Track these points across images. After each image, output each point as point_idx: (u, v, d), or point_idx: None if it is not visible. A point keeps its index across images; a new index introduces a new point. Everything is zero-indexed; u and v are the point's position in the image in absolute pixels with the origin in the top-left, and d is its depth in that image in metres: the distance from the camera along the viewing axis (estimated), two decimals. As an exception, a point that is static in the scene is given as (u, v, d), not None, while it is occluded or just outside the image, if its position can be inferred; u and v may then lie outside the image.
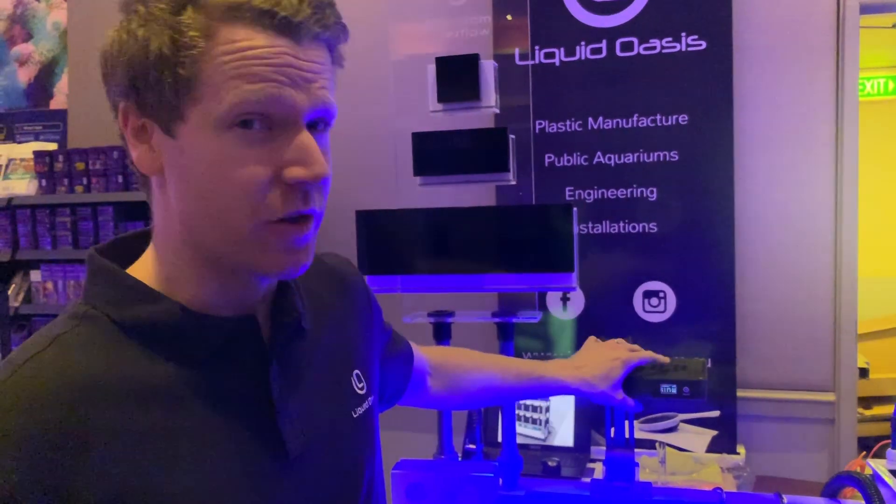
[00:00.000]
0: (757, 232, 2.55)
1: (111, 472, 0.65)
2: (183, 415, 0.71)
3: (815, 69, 2.50)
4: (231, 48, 0.69)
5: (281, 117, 0.71)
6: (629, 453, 1.49)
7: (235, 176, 0.70)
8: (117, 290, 0.75)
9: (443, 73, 1.78)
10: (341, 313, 0.96)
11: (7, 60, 3.69)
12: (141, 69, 0.70)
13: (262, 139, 0.71)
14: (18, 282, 3.36)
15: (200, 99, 0.69)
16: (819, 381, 2.52)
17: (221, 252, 0.74)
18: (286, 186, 0.71)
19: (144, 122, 0.74)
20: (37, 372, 0.67)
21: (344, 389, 0.91)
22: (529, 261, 1.70)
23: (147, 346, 0.72)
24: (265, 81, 0.69)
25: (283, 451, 0.78)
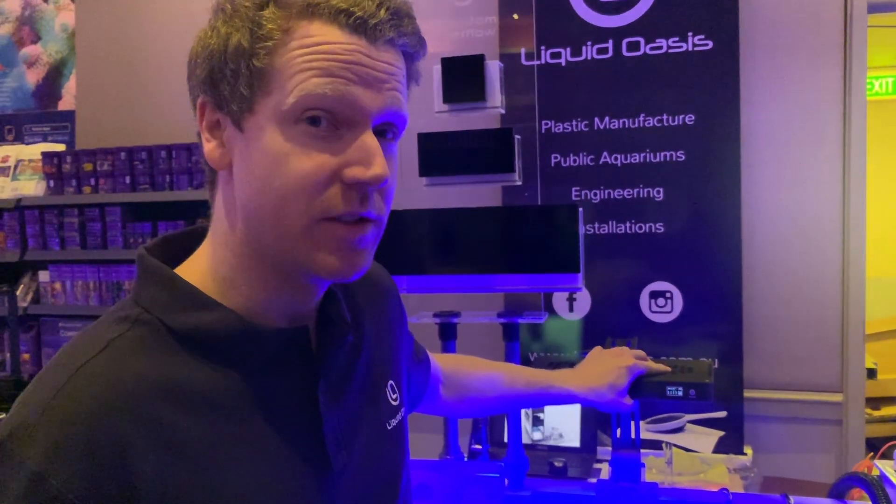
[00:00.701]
0: (764, 232, 2.55)
1: (167, 479, 0.65)
2: (233, 424, 0.71)
3: (822, 68, 2.49)
4: (305, 42, 0.70)
5: (347, 116, 0.71)
6: (635, 454, 1.48)
7: (294, 169, 0.70)
8: (170, 294, 0.74)
9: (448, 73, 1.77)
10: (378, 322, 0.95)
11: (16, 62, 3.71)
12: (219, 62, 0.71)
13: (326, 137, 0.70)
14: (27, 282, 3.38)
15: (271, 91, 0.70)
16: (827, 382, 2.51)
17: (278, 250, 0.73)
18: (345, 186, 0.71)
19: (219, 118, 0.74)
20: (91, 379, 0.66)
21: (380, 402, 0.90)
22: (535, 261, 1.70)
23: (199, 353, 0.72)
24: (334, 77, 0.69)
25: (328, 464, 0.78)
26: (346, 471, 0.80)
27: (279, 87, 0.70)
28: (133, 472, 0.63)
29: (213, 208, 0.79)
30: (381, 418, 0.89)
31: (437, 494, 1.49)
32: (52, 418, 0.63)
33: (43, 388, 0.66)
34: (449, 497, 1.49)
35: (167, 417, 0.67)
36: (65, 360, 0.69)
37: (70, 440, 0.62)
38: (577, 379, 1.32)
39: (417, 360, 1.14)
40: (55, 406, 0.64)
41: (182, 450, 0.67)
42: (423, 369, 1.17)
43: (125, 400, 0.66)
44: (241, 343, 0.74)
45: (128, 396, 0.66)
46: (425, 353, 1.19)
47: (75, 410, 0.64)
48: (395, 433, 0.92)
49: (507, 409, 1.60)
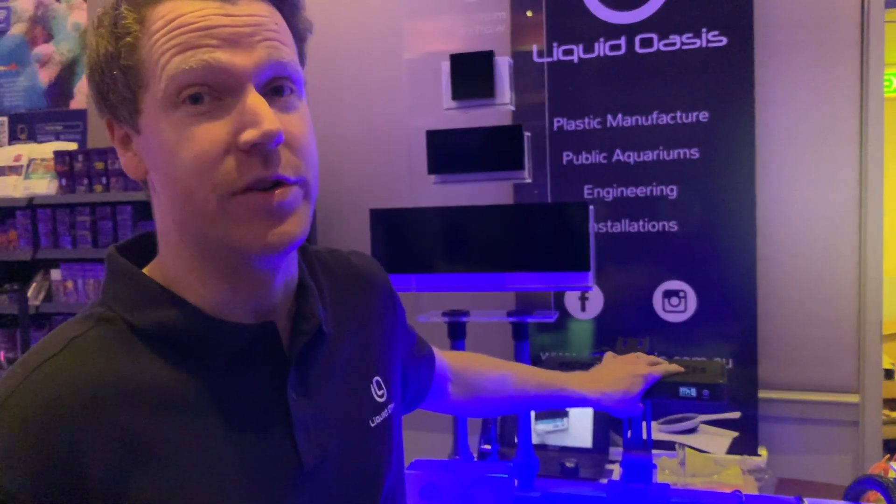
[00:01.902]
0: (779, 230, 2.52)
1: (123, 480, 0.64)
2: (197, 423, 0.70)
3: (838, 64, 2.46)
4: (160, 24, 0.67)
5: (224, 83, 0.68)
6: (647, 455, 1.47)
7: (189, 152, 0.67)
8: (134, 292, 0.73)
9: (457, 70, 1.76)
10: (364, 316, 0.94)
11: (28, 61, 3.73)
12: (99, 75, 0.71)
13: (211, 112, 0.68)
14: (39, 280, 3.39)
15: (147, 84, 0.69)
16: (843, 383, 2.48)
17: (204, 239, 0.71)
18: (243, 154, 0.68)
19: (126, 131, 0.74)
20: (48, 378, 0.66)
21: (361, 398, 0.88)
22: (545, 260, 1.69)
23: (162, 351, 0.71)
24: (194, 48, 0.66)
25: (299, 463, 0.76)
26: (322, 469, 0.78)
27: (151, 78, 0.68)
28: (84, 473, 0.63)
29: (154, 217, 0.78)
30: (362, 415, 0.87)
31: (445, 495, 1.48)
32: (3, 420, 0.63)
33: (2, 387, 0.66)
34: (458, 497, 1.48)
35: (125, 418, 0.66)
36: (26, 360, 0.69)
37: (20, 442, 0.62)
38: (590, 383, 1.31)
39: (419, 357, 1.12)
40: (8, 408, 0.64)
41: (141, 450, 0.66)
42: (426, 366, 1.15)
43: (77, 400, 0.65)
44: (206, 340, 0.72)
45: (80, 397, 0.65)
46: (429, 349, 1.17)
47: (26, 412, 0.64)
48: (380, 430, 0.89)
49: (517, 409, 1.59)
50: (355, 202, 2.79)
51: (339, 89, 2.93)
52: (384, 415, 0.90)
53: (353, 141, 2.90)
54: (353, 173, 2.89)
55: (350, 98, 2.92)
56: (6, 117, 3.77)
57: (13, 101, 3.76)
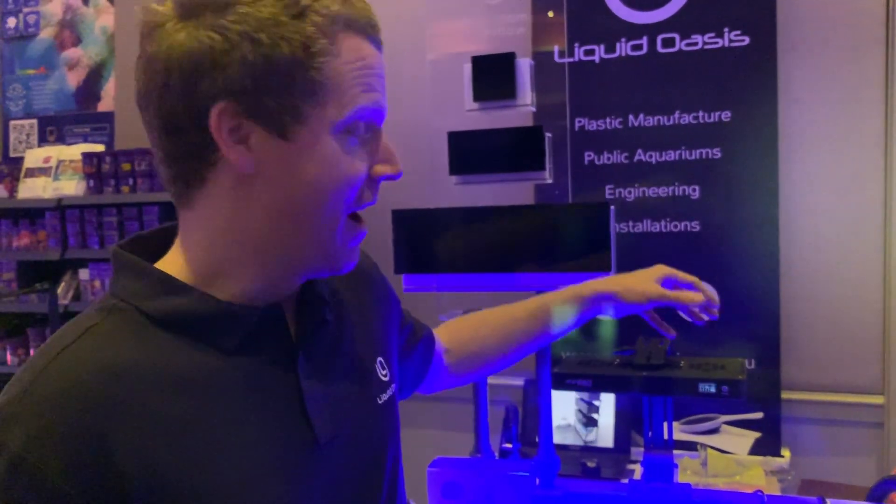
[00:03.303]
0: (802, 230, 2.50)
1: (149, 457, 0.66)
2: (214, 402, 0.72)
3: (863, 63, 2.44)
4: (352, 57, 0.75)
5: (377, 124, 0.80)
6: (668, 454, 1.47)
7: (345, 172, 0.76)
8: (144, 282, 0.76)
9: (479, 71, 1.78)
10: (361, 303, 0.97)
11: (57, 64, 3.79)
12: (262, 73, 0.70)
13: (362, 141, 0.78)
14: (68, 280, 3.44)
15: (325, 104, 0.74)
16: (867, 384, 2.46)
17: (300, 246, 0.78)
18: (373, 183, 0.81)
19: (241, 123, 0.73)
20: (69, 364, 0.68)
21: (369, 376, 0.92)
22: (566, 260, 1.69)
23: (176, 335, 0.73)
24: (375, 91, 0.77)
25: (313, 437, 0.79)
26: (335, 445, 0.82)
27: (334, 100, 0.74)
28: (113, 452, 0.65)
29: (194, 206, 0.77)
30: (371, 393, 0.91)
31: (467, 493, 1.49)
32: (31, 403, 0.65)
33: (25, 374, 0.69)
34: (479, 495, 1.49)
35: (145, 398, 0.68)
36: (44, 349, 0.71)
37: (49, 423, 0.64)
38: (594, 283, 1.26)
39: (417, 338, 1.14)
40: (34, 392, 0.66)
41: (161, 429, 0.68)
42: (425, 345, 1.16)
43: (102, 382, 0.67)
44: (216, 323, 0.75)
45: (105, 379, 0.67)
46: (427, 330, 1.18)
47: (53, 395, 0.66)
48: (386, 407, 0.93)
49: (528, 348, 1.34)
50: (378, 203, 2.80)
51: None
52: (389, 393, 0.95)
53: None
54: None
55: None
56: (36, 120, 3.83)
57: (42, 104, 3.82)
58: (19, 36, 3.86)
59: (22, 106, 3.86)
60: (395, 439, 0.95)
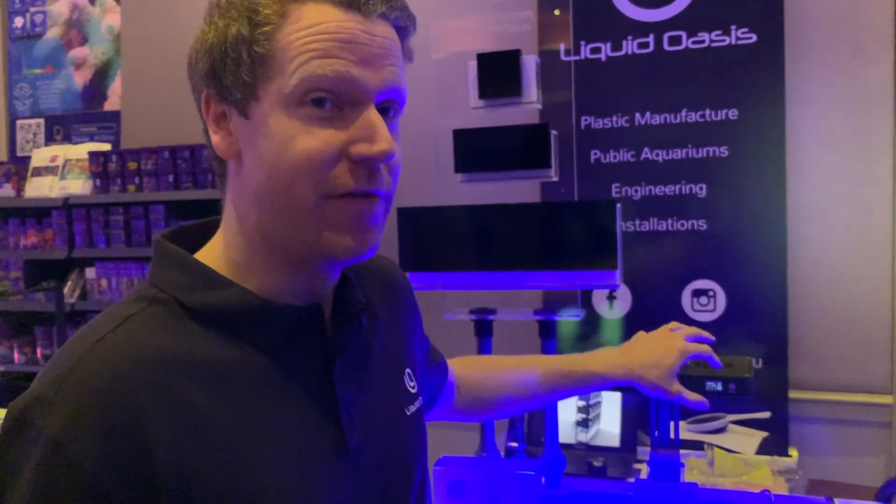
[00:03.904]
0: (810, 229, 2.49)
1: (183, 450, 0.66)
2: (249, 397, 0.72)
3: (871, 61, 2.43)
4: (303, 24, 0.71)
5: (350, 96, 0.72)
6: (674, 453, 1.46)
7: (301, 149, 0.70)
8: (186, 274, 0.75)
9: (484, 69, 1.77)
10: (392, 313, 0.96)
11: (64, 64, 3.80)
12: (220, 54, 0.73)
13: (331, 117, 0.71)
14: (74, 279, 3.45)
15: (273, 76, 0.71)
16: (876, 383, 2.45)
17: (290, 233, 0.74)
18: (352, 163, 0.72)
19: (224, 109, 0.75)
20: (108, 352, 0.67)
21: (398, 386, 0.91)
22: (572, 258, 1.69)
23: (214, 329, 0.73)
24: (333, 58, 0.70)
25: (343, 442, 0.78)
26: (364, 452, 0.80)
27: (280, 71, 0.70)
28: (148, 441, 0.64)
29: (224, 201, 0.80)
30: (399, 403, 0.90)
31: (472, 492, 1.49)
32: (69, 389, 0.64)
33: (61, 361, 0.68)
34: (485, 494, 1.48)
35: (183, 390, 0.68)
36: (83, 335, 0.70)
37: (86, 410, 0.63)
38: (614, 357, 1.21)
39: (434, 361, 1.12)
40: (73, 377, 0.65)
41: (197, 422, 0.67)
42: (440, 372, 1.14)
43: (141, 372, 0.66)
44: (256, 319, 0.74)
45: (144, 368, 0.67)
46: (442, 357, 1.16)
47: (92, 381, 0.65)
48: (415, 419, 0.92)
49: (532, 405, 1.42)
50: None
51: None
52: (417, 405, 0.93)
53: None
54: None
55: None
56: (42, 119, 3.85)
57: (49, 104, 3.83)
58: (26, 35, 3.87)
59: (29, 105, 3.87)
60: (423, 453, 0.93)
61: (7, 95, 3.93)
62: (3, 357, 3.55)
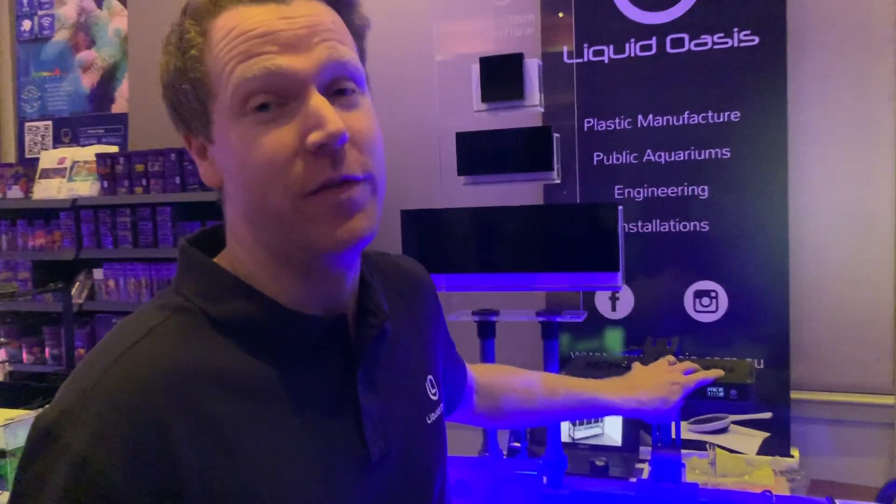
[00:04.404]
0: (812, 231, 2.50)
1: (206, 464, 0.66)
2: (272, 410, 0.71)
3: (873, 63, 2.44)
4: (222, 34, 0.69)
5: (287, 88, 0.69)
6: (676, 454, 1.47)
7: (259, 156, 0.69)
8: (211, 283, 0.75)
9: (487, 72, 1.78)
10: (415, 317, 0.95)
11: (71, 67, 3.83)
12: (171, 91, 0.74)
13: (278, 117, 0.69)
14: (82, 279, 3.48)
15: (215, 96, 0.71)
16: (878, 384, 2.45)
17: (282, 241, 0.73)
18: (310, 156, 0.69)
19: (200, 142, 0.76)
20: (132, 365, 0.67)
21: (420, 394, 0.89)
22: (574, 260, 1.70)
23: (240, 340, 0.72)
24: (255, 56, 0.68)
25: (366, 454, 0.77)
26: (385, 461, 0.79)
27: (218, 88, 0.70)
28: (174, 456, 0.64)
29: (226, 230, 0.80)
30: (420, 411, 0.88)
31: (475, 491, 1.50)
32: (96, 403, 0.64)
33: (88, 373, 0.67)
34: (487, 494, 1.50)
35: (207, 402, 0.67)
36: (108, 346, 0.70)
37: (113, 424, 0.63)
38: (625, 390, 1.28)
39: (455, 365, 1.12)
40: (99, 391, 0.65)
41: (221, 435, 0.67)
42: (461, 373, 1.15)
43: (166, 385, 0.66)
44: (280, 331, 0.74)
45: (169, 381, 0.67)
46: (463, 361, 1.17)
47: (118, 395, 0.65)
48: (435, 427, 0.90)
49: (547, 420, 1.54)
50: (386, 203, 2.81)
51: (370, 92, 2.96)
52: (438, 412, 0.91)
53: (384, 143, 2.93)
54: (385, 174, 2.91)
55: (381, 100, 2.90)
56: (50, 121, 3.88)
57: (57, 106, 3.86)
58: (34, 38, 3.90)
59: (37, 108, 3.90)
60: (443, 461, 0.92)
61: (15, 98, 3.96)
62: (12, 357, 3.58)
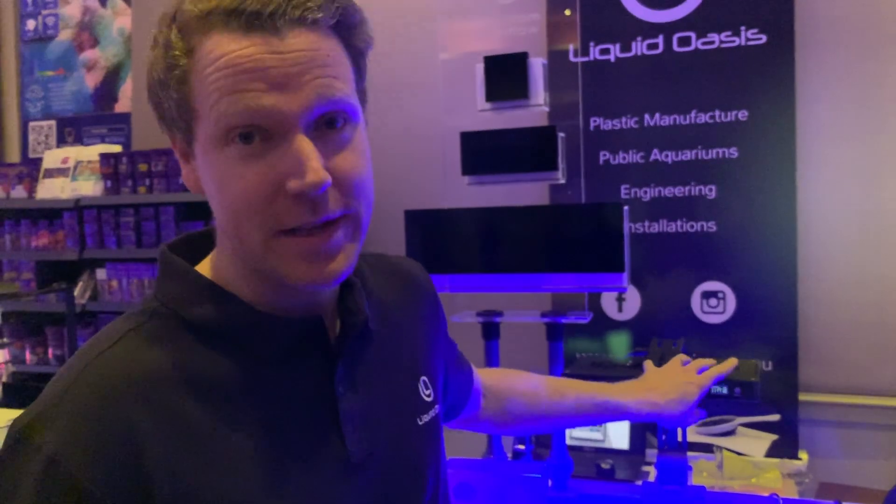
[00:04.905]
0: (820, 231, 2.48)
1: (176, 466, 0.66)
2: (246, 412, 0.71)
3: (882, 61, 2.41)
4: (209, 60, 0.66)
5: (272, 126, 0.66)
6: (682, 456, 1.46)
7: (238, 188, 0.67)
8: (187, 288, 0.75)
9: (491, 71, 1.77)
10: (408, 318, 0.93)
11: (75, 66, 3.83)
12: (155, 95, 0.72)
13: (262, 151, 0.66)
14: (85, 280, 3.47)
15: (199, 117, 0.68)
16: (887, 386, 2.43)
17: (252, 263, 0.72)
18: (291, 198, 0.66)
19: (184, 148, 0.74)
20: (103, 370, 0.68)
21: (410, 395, 0.87)
22: (579, 260, 1.68)
23: (213, 344, 0.72)
24: (241, 92, 0.65)
25: (346, 456, 0.76)
26: (370, 464, 0.78)
27: (203, 112, 0.67)
28: (143, 457, 0.64)
29: None
30: (411, 412, 0.86)
31: (479, 494, 1.49)
32: (66, 405, 0.65)
33: (62, 378, 0.69)
34: (491, 497, 1.48)
35: (177, 405, 0.67)
36: (84, 351, 0.71)
37: (82, 426, 0.64)
38: (639, 392, 1.23)
39: (459, 368, 1.10)
40: (70, 394, 0.66)
41: (192, 436, 0.67)
42: (466, 378, 1.12)
43: (136, 387, 0.67)
44: (255, 334, 0.74)
45: (138, 384, 0.67)
46: (469, 364, 1.15)
47: (88, 398, 0.66)
48: (428, 429, 0.88)
49: (556, 427, 1.50)
50: (390, 203, 2.81)
51: (375, 91, 2.93)
52: (431, 414, 0.89)
53: (388, 142, 2.93)
54: (387, 174, 2.91)
55: (385, 99, 2.95)
56: (54, 121, 3.87)
57: (61, 106, 3.86)
58: (38, 38, 3.90)
59: (41, 107, 3.90)
60: (437, 463, 0.90)
61: (19, 97, 3.96)
62: (15, 357, 3.57)
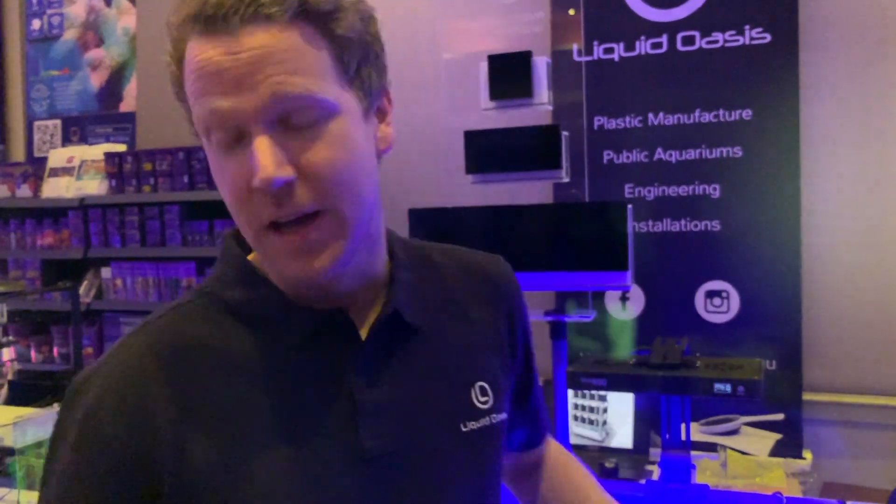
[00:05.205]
0: (824, 230, 2.47)
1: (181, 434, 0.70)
2: (266, 394, 0.73)
3: (887, 61, 2.41)
4: (187, 66, 0.69)
5: (234, 127, 0.67)
6: (685, 455, 1.46)
7: (225, 187, 0.71)
8: (231, 271, 0.79)
9: (495, 70, 1.77)
10: (477, 318, 0.88)
11: (80, 65, 3.84)
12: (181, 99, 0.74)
13: (239, 149, 0.68)
14: (90, 278, 3.48)
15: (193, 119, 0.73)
16: (891, 386, 2.43)
17: None
18: (258, 194, 0.68)
19: None
20: (146, 337, 0.75)
21: (456, 397, 0.82)
22: (583, 259, 1.68)
23: (246, 324, 0.76)
24: (205, 95, 0.67)
25: (360, 450, 0.74)
26: (388, 461, 0.75)
27: (192, 114, 0.71)
28: (152, 422, 0.70)
29: None
30: (452, 415, 0.81)
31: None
32: (107, 367, 0.73)
33: (118, 342, 0.77)
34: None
35: (200, 378, 0.72)
36: (142, 321, 0.79)
37: (109, 387, 0.71)
38: None
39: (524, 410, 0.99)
40: (114, 357, 0.74)
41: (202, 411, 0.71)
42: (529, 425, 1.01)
43: (159, 359, 0.73)
44: (282, 318, 0.76)
45: (163, 356, 0.73)
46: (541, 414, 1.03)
47: (126, 361, 0.73)
48: (474, 437, 0.82)
49: None
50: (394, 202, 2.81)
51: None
52: (484, 422, 0.83)
53: (393, 141, 2.92)
54: (391, 173, 2.91)
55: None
56: (59, 120, 3.88)
57: (66, 105, 3.87)
58: (43, 37, 3.91)
59: (46, 107, 3.91)
60: (480, 477, 0.83)
61: (25, 97, 3.97)
62: (21, 355, 3.58)
